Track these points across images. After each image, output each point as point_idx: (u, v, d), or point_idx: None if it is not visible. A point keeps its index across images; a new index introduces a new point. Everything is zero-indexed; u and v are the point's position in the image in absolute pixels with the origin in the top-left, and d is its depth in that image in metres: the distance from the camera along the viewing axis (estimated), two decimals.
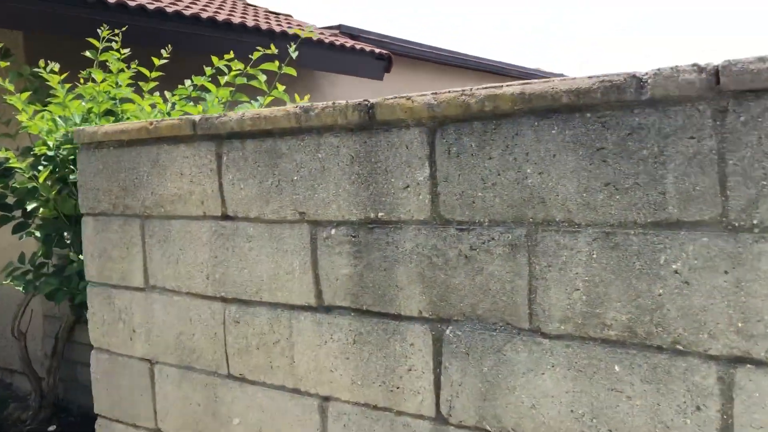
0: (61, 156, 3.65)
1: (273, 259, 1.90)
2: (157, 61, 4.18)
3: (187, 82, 4.21)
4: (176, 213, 2.12)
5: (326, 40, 9.44)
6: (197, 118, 2.04)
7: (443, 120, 1.57)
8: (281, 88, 4.17)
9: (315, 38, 8.32)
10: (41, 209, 3.68)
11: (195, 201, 2.07)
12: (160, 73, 4.23)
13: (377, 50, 10.02)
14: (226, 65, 4.01)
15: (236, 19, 8.14)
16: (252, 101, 4.22)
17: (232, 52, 4.04)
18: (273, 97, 4.14)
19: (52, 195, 3.69)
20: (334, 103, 1.75)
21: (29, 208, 3.66)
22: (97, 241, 2.35)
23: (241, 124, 1.92)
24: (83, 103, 3.94)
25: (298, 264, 1.85)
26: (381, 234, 1.69)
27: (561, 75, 15.90)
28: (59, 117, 3.74)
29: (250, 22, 8.29)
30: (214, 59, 4.11)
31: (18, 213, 3.88)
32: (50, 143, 3.66)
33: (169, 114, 3.84)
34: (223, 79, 4.13)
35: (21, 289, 3.69)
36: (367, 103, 1.69)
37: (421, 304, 1.64)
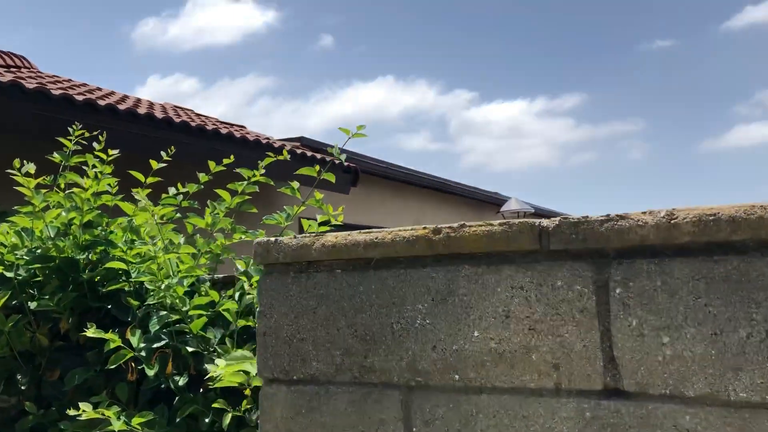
0: (20, 278, 2.77)
1: None
2: (155, 164, 3.34)
3: (172, 190, 3.37)
4: (490, 383, 1.23)
5: (298, 152, 8.78)
6: (548, 224, 1.20)
7: None
8: (319, 196, 3.38)
9: (285, 149, 7.76)
10: None
11: (538, 363, 1.20)
12: (158, 179, 3.38)
13: (345, 163, 9.42)
14: (251, 173, 3.24)
15: (209, 127, 7.39)
16: (277, 212, 3.40)
17: (232, 156, 3.33)
18: (304, 207, 3.35)
19: (7, 328, 2.78)
20: None
21: None
22: (297, 428, 1.40)
23: (665, 233, 1.10)
24: (63, 213, 3.03)
25: None
26: None
27: (495, 195, 15.65)
28: (22, 230, 2.86)
29: (222, 130, 7.56)
30: (211, 164, 3.33)
31: None
32: (8, 261, 2.78)
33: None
34: (241, 186, 3.33)
35: None
36: None
37: None
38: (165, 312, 2.57)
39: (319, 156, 8.84)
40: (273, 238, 1.45)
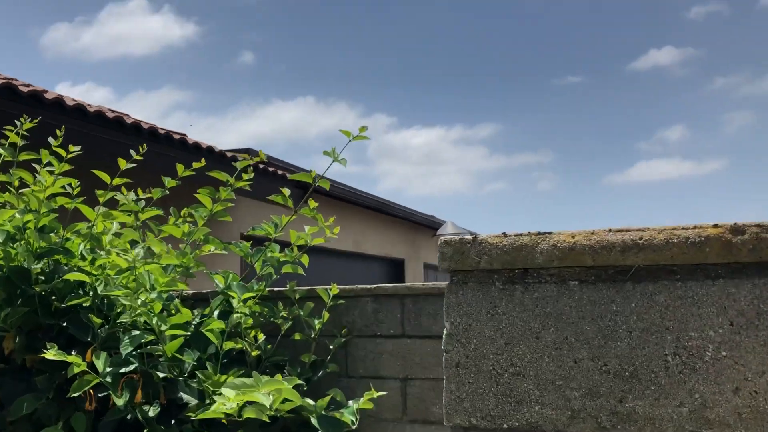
0: None
1: None
2: (123, 164, 2.97)
3: (131, 195, 3.01)
4: None
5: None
6: None
7: None
8: (313, 204, 3.06)
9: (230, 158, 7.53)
10: None
11: None
12: (126, 180, 3.02)
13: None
14: (227, 178, 2.93)
15: (161, 131, 6.90)
16: (264, 222, 3.06)
17: (203, 160, 3.03)
18: (295, 217, 3.03)
19: None
20: None
21: None
22: None
23: None
24: (18, 215, 2.63)
25: None
26: None
27: (427, 218, 15.49)
28: None
29: (174, 135, 7.08)
30: (179, 167, 3.00)
31: None
32: None
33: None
34: (225, 192, 3.00)
35: None
36: None
37: None
38: (139, 332, 2.22)
39: (271, 169, 8.38)
40: (469, 236, 1.08)
